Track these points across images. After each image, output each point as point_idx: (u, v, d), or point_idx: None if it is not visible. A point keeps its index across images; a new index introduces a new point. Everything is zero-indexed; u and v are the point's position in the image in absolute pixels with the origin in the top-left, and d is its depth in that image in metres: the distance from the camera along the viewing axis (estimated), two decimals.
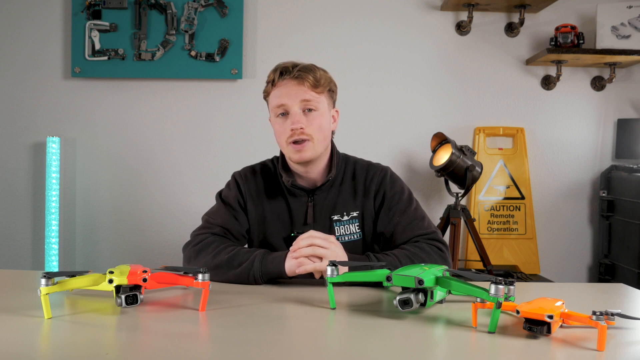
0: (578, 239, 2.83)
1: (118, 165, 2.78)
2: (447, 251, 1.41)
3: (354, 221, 1.47)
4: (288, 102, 1.40)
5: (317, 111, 1.42)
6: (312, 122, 1.41)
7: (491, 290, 0.93)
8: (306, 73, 1.40)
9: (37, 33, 2.75)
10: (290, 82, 1.41)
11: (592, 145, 2.81)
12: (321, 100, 1.43)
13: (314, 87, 1.41)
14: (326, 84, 1.44)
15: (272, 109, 1.45)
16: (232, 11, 2.69)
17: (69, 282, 1.05)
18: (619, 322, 1.00)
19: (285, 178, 1.46)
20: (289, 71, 1.41)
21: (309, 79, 1.40)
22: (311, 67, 1.43)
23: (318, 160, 1.46)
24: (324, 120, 1.43)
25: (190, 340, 0.91)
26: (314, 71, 1.42)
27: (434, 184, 2.78)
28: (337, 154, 1.52)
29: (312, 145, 1.41)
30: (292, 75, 1.40)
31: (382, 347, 0.88)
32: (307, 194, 1.48)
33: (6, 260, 2.78)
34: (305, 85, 1.40)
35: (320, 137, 1.42)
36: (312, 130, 1.40)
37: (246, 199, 1.49)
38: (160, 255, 2.76)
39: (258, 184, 1.51)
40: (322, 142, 1.43)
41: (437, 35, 2.77)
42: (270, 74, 1.45)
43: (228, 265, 1.32)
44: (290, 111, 1.41)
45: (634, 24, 2.59)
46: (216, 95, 2.77)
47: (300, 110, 1.41)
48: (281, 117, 1.43)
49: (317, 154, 1.43)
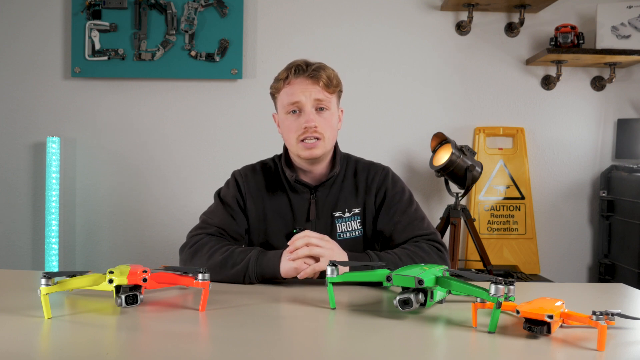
0: (578, 239, 2.83)
1: (118, 165, 2.78)
2: (446, 252, 1.41)
3: (355, 218, 1.49)
4: (302, 99, 1.42)
5: (329, 111, 1.45)
6: (324, 121, 1.43)
7: (491, 290, 0.93)
8: (320, 72, 1.42)
9: (37, 33, 2.75)
10: (305, 80, 1.42)
11: (592, 145, 2.81)
12: (332, 100, 1.46)
13: (327, 86, 1.43)
14: (337, 84, 1.47)
15: (284, 105, 1.45)
16: (232, 11, 2.69)
17: (69, 282, 1.05)
18: (619, 322, 1.00)
19: (289, 173, 1.47)
20: (303, 70, 1.43)
21: (323, 78, 1.42)
22: (324, 67, 1.45)
23: (323, 158, 1.48)
24: (334, 120, 1.46)
25: (190, 340, 0.91)
26: (326, 70, 1.44)
27: (434, 184, 2.78)
28: (339, 152, 1.53)
29: (322, 144, 1.43)
30: (307, 74, 1.42)
31: (382, 347, 0.88)
32: (310, 190, 1.49)
33: (6, 260, 2.78)
34: (319, 85, 1.42)
35: (330, 136, 1.45)
36: (324, 129, 1.43)
37: (246, 198, 1.50)
38: (160, 255, 2.76)
39: (258, 182, 1.52)
40: (331, 140, 1.46)
41: (437, 35, 2.77)
42: (284, 72, 1.46)
43: (222, 266, 1.32)
44: (303, 109, 1.42)
45: (634, 24, 2.59)
46: (216, 95, 2.77)
47: (313, 109, 1.43)
48: (292, 115, 1.44)
49: (326, 152, 1.46)
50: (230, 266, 1.31)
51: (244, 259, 1.31)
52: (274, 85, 1.49)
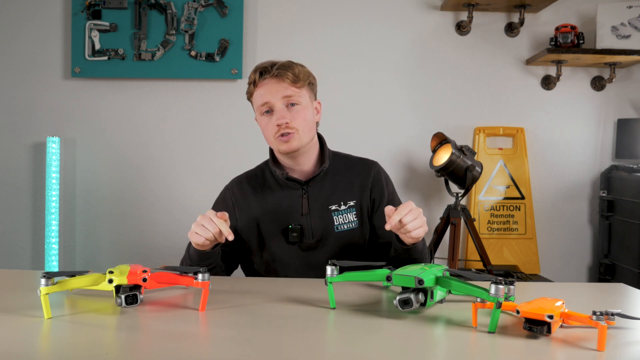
0: (578, 239, 2.83)
1: (118, 165, 2.78)
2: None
3: (351, 210, 1.52)
4: (271, 99, 1.46)
5: (300, 105, 1.47)
6: (296, 115, 1.46)
7: (491, 290, 0.94)
8: (285, 70, 1.46)
9: (37, 33, 2.75)
10: (271, 80, 1.46)
11: (592, 145, 2.81)
12: (302, 94, 1.48)
13: (294, 82, 1.46)
14: (305, 78, 1.49)
15: (257, 108, 1.51)
16: (232, 11, 2.69)
17: (69, 282, 1.05)
18: (619, 322, 1.00)
19: (278, 172, 1.51)
20: (268, 70, 1.47)
21: (288, 75, 1.45)
22: (289, 64, 1.48)
23: (306, 152, 1.51)
24: (307, 113, 1.49)
25: (190, 340, 0.91)
26: (292, 67, 1.47)
27: (434, 184, 2.78)
28: (327, 148, 1.57)
29: (298, 137, 1.46)
30: (272, 74, 1.46)
31: (382, 347, 0.88)
32: (301, 186, 1.52)
33: (6, 260, 2.78)
34: (285, 82, 1.45)
35: (305, 128, 1.47)
36: (297, 123, 1.46)
37: (234, 207, 1.55)
38: (160, 255, 2.76)
39: (245, 191, 1.57)
40: (307, 133, 1.48)
41: (437, 35, 2.77)
42: (251, 75, 1.50)
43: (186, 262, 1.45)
44: (274, 108, 1.46)
45: (634, 24, 2.59)
46: (216, 95, 2.77)
47: (283, 106, 1.46)
48: (266, 115, 1.49)
49: (303, 144, 1.48)
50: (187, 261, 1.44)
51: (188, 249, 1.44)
52: (247, 90, 1.54)
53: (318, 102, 1.57)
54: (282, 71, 1.45)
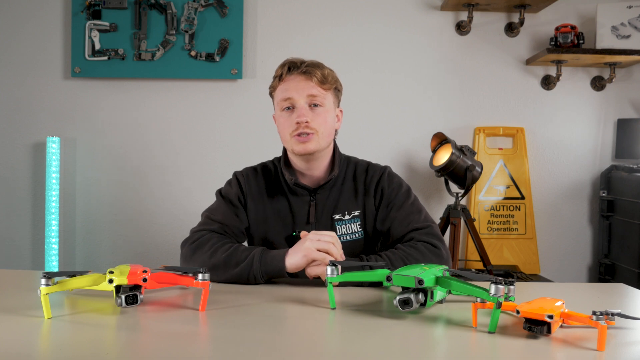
0: (578, 239, 2.83)
1: (118, 165, 2.78)
2: (443, 245, 1.38)
3: (355, 220, 1.47)
4: (295, 95, 1.41)
5: (323, 107, 1.43)
6: (317, 116, 1.42)
7: (491, 290, 0.93)
8: (314, 69, 1.42)
9: (37, 33, 2.75)
10: (298, 77, 1.42)
11: (592, 145, 2.81)
12: (327, 97, 1.45)
13: (321, 83, 1.42)
14: (333, 81, 1.46)
15: (278, 102, 1.46)
16: (232, 11, 2.69)
17: (69, 282, 1.05)
18: (619, 322, 1.00)
19: (287, 176, 1.46)
20: (297, 66, 1.43)
21: (317, 74, 1.41)
22: (319, 64, 1.45)
23: (320, 157, 1.47)
24: (328, 117, 1.45)
25: (190, 340, 0.91)
26: (321, 68, 1.44)
27: (434, 184, 2.78)
28: (339, 154, 1.52)
29: (316, 138, 1.41)
30: (300, 71, 1.42)
31: (382, 347, 0.88)
32: (309, 193, 1.48)
33: (6, 260, 2.78)
34: (312, 81, 1.41)
35: (325, 131, 1.43)
36: (317, 125, 1.41)
37: (247, 197, 1.49)
38: (160, 255, 2.76)
39: (259, 184, 1.51)
40: (326, 137, 1.44)
41: (437, 35, 2.77)
42: (278, 69, 1.46)
43: (225, 264, 1.30)
44: (296, 105, 1.42)
45: (634, 24, 2.59)
46: (216, 95, 2.77)
47: (306, 105, 1.42)
48: (287, 111, 1.44)
49: (320, 148, 1.43)
50: (234, 264, 1.29)
51: (247, 256, 1.30)
52: (271, 84, 1.49)
53: (340, 110, 1.53)
54: (311, 69, 1.42)
